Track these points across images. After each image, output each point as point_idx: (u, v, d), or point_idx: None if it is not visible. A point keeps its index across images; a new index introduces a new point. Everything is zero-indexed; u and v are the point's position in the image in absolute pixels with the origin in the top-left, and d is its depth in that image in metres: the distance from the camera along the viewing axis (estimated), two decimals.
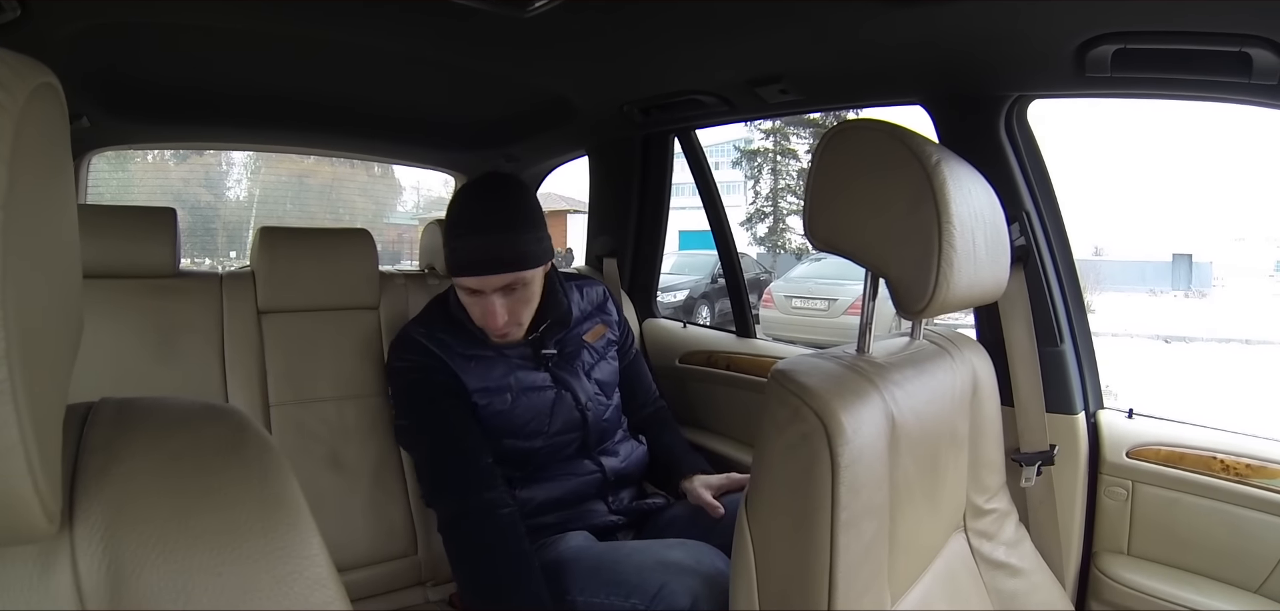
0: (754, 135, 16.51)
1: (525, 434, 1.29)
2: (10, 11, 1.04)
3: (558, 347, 1.35)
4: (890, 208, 0.77)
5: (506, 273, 1.21)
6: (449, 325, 1.30)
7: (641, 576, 1.07)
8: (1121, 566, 1.21)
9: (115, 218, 1.38)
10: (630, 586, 1.07)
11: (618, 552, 1.16)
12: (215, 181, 10.27)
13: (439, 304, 1.36)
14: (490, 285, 1.22)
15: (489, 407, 1.27)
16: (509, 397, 1.28)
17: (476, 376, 1.27)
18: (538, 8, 1.09)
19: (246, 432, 0.46)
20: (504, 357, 1.30)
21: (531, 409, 1.29)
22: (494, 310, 1.23)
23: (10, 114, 0.31)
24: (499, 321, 1.23)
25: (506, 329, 1.25)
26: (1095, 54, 1.01)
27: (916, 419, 0.81)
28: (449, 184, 2.62)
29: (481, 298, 1.24)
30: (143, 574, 0.39)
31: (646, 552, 1.13)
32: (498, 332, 1.26)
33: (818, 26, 1.14)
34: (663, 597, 1.04)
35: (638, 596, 1.06)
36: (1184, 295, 15.04)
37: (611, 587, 1.09)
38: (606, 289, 1.53)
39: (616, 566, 1.12)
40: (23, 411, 0.31)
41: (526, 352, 1.32)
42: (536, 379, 1.31)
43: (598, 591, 1.10)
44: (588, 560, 1.17)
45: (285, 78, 1.62)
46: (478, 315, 1.26)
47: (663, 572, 1.06)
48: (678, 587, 1.03)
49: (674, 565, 1.07)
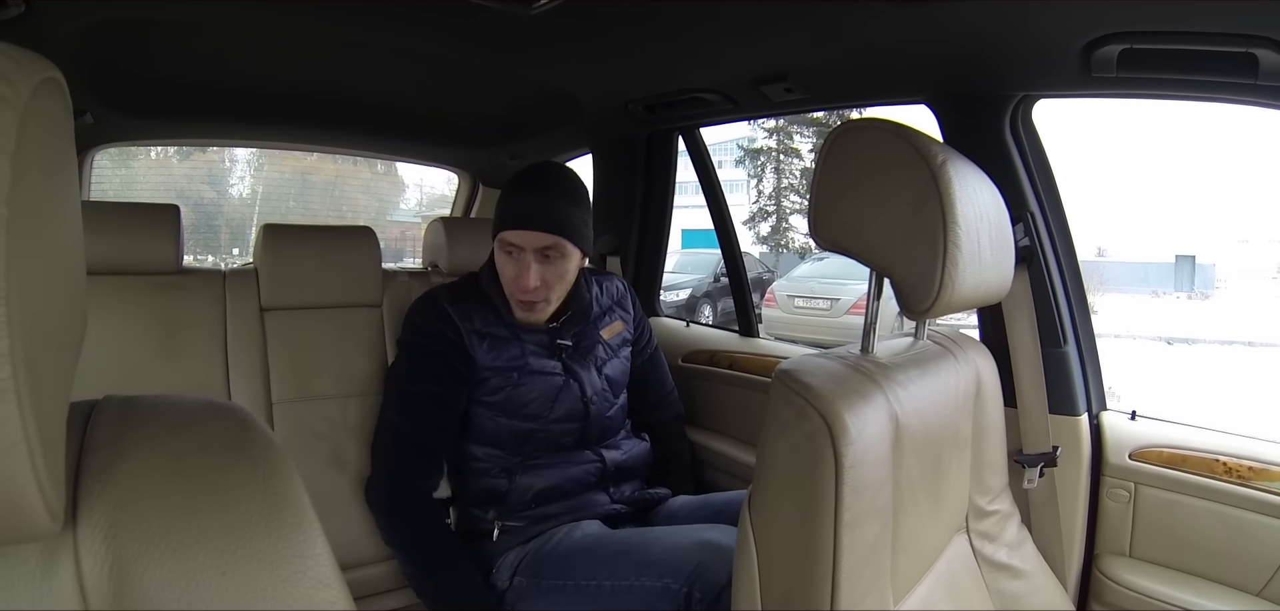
0: (758, 134, 16.49)
1: (524, 415, 1.30)
2: (15, 7, 1.04)
3: (574, 341, 1.36)
4: (895, 207, 0.77)
5: (549, 233, 1.25)
6: (476, 299, 1.34)
7: (677, 556, 1.07)
8: (1123, 568, 1.20)
9: (119, 214, 1.38)
10: (664, 566, 1.07)
11: (646, 535, 1.17)
12: (219, 178, 10.27)
13: (472, 278, 1.40)
14: (532, 241, 1.25)
15: (495, 383, 1.29)
16: (516, 376, 1.30)
17: (489, 354, 1.30)
18: (542, 5, 1.09)
19: (251, 431, 0.46)
20: (520, 341, 1.32)
21: (536, 391, 1.30)
22: (528, 269, 1.26)
23: (14, 108, 0.31)
24: (530, 282, 1.26)
25: (535, 297, 1.28)
26: (1101, 54, 1.00)
27: (920, 420, 0.81)
28: (452, 182, 2.61)
29: (518, 257, 1.27)
30: (146, 572, 0.39)
31: (682, 534, 1.14)
32: (526, 296, 1.28)
33: (823, 25, 1.14)
34: (701, 575, 1.04)
35: (671, 576, 1.06)
36: (1187, 297, 14.99)
37: (642, 569, 1.09)
38: (627, 285, 1.54)
39: (648, 548, 1.12)
40: (26, 409, 0.31)
41: (543, 340, 1.34)
42: (548, 365, 1.33)
43: (628, 573, 1.10)
44: (613, 544, 1.18)
45: (289, 75, 1.62)
46: (510, 276, 1.29)
47: (700, 552, 1.06)
48: (716, 566, 1.03)
49: (710, 544, 1.07)
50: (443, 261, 1.70)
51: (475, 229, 1.74)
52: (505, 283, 1.31)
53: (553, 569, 1.20)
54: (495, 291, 1.33)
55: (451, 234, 1.69)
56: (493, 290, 1.33)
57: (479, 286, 1.36)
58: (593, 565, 1.15)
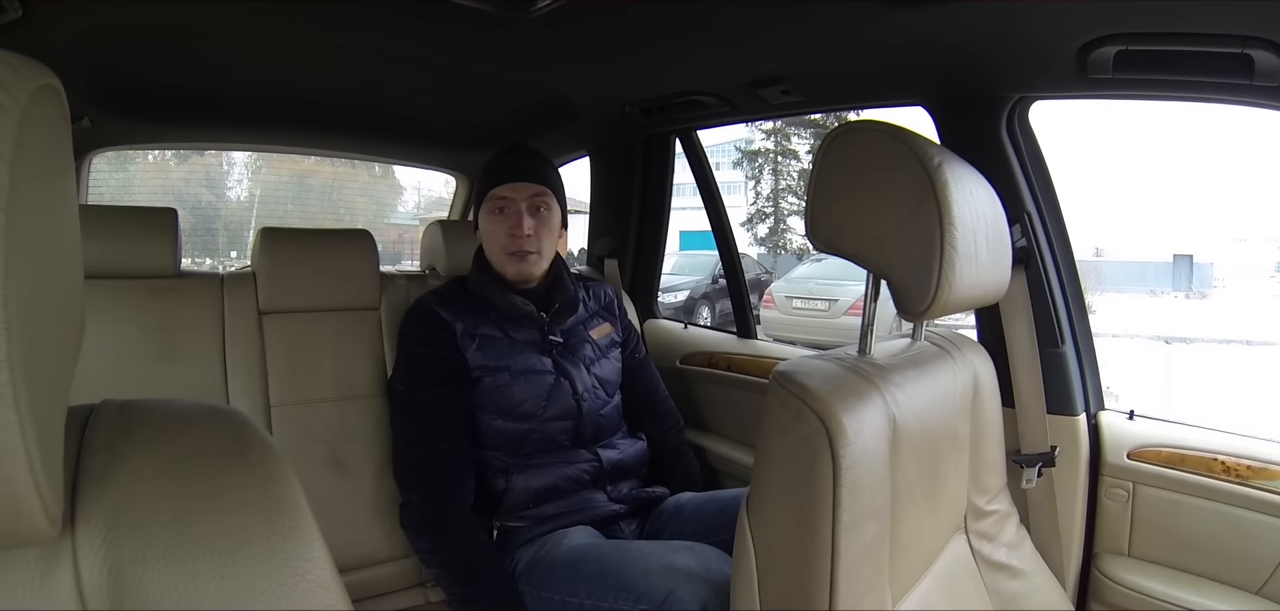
0: (755, 135, 16.52)
1: (518, 415, 1.31)
2: (12, 11, 1.04)
3: (564, 337, 1.38)
4: (892, 209, 0.77)
5: (537, 184, 1.35)
6: (465, 300, 1.36)
7: (648, 581, 1.07)
8: (1122, 567, 1.21)
9: (116, 218, 1.38)
10: (638, 591, 1.07)
11: (623, 554, 1.16)
12: (216, 181, 10.26)
13: (459, 282, 1.43)
14: (522, 192, 1.34)
15: (488, 383, 1.30)
16: (507, 375, 1.31)
17: (481, 354, 1.31)
18: (540, 9, 1.09)
19: (249, 435, 0.46)
20: (510, 339, 1.34)
21: (529, 390, 1.31)
22: (521, 220, 1.32)
23: (12, 116, 0.31)
24: (524, 230, 1.32)
25: (529, 246, 1.33)
26: (1097, 55, 1.01)
27: (918, 421, 0.81)
28: (450, 185, 2.61)
29: (510, 213, 1.33)
30: (144, 577, 0.39)
31: (653, 556, 1.13)
32: (521, 245, 1.33)
33: (819, 28, 1.14)
34: (671, 604, 1.04)
35: (645, 601, 1.06)
36: (1185, 296, 15.02)
37: (618, 591, 1.09)
38: (614, 293, 1.55)
39: (622, 570, 1.12)
40: (25, 414, 0.31)
41: (534, 337, 1.35)
42: (539, 363, 1.34)
43: (604, 594, 1.11)
44: (593, 561, 1.17)
45: (287, 78, 1.62)
46: (503, 231, 1.34)
47: (670, 578, 1.06)
48: (686, 594, 1.03)
49: (681, 571, 1.07)
50: (441, 264, 1.70)
51: (473, 232, 1.74)
52: (497, 242, 1.35)
53: (541, 578, 1.21)
54: (485, 284, 1.36)
55: (449, 237, 1.69)
56: (481, 285, 1.36)
57: (466, 288, 1.39)
58: (574, 581, 1.16)
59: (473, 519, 1.25)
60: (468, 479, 1.26)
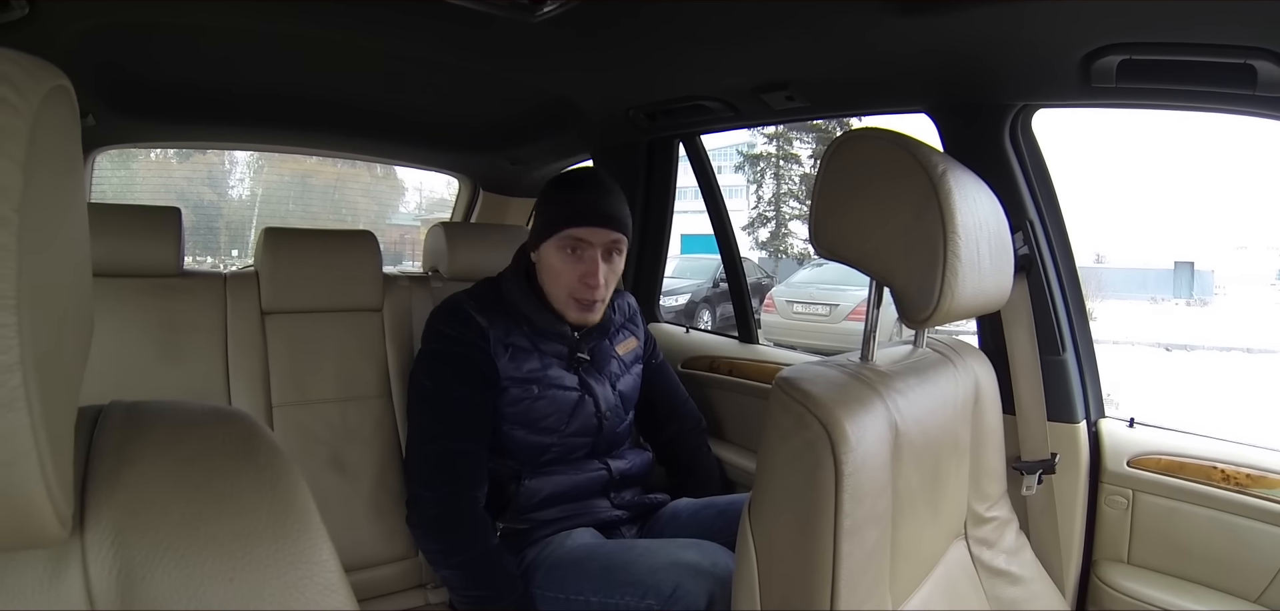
0: (757, 140, 16.49)
1: (540, 428, 1.29)
2: (19, 9, 1.04)
3: (591, 354, 1.36)
4: (895, 217, 0.77)
5: (617, 231, 1.26)
6: (498, 307, 1.32)
7: (655, 576, 1.08)
8: (1121, 575, 1.21)
9: (120, 217, 1.38)
10: (645, 587, 1.07)
11: (630, 552, 1.17)
12: (218, 180, 10.28)
13: (491, 285, 1.37)
14: (602, 239, 1.26)
15: (515, 394, 1.28)
16: (535, 389, 1.29)
17: (511, 364, 1.28)
18: (547, 12, 1.09)
19: (257, 437, 0.47)
20: (539, 353, 1.31)
21: (553, 405, 1.30)
22: (596, 267, 1.26)
23: (25, 118, 0.31)
24: (599, 280, 1.26)
25: (595, 298, 1.28)
26: (1100, 65, 1.01)
27: (919, 427, 0.81)
28: (452, 186, 2.62)
29: (584, 257, 1.26)
30: (154, 578, 0.40)
31: (660, 552, 1.13)
32: (593, 295, 1.27)
33: (824, 34, 1.14)
34: (678, 598, 1.04)
35: (653, 597, 1.06)
36: (1186, 303, 15.01)
37: (625, 588, 1.09)
38: (635, 302, 1.54)
39: (629, 567, 1.12)
40: (37, 417, 0.31)
41: (563, 352, 1.33)
42: (566, 379, 1.32)
43: (612, 591, 1.11)
44: (599, 559, 1.17)
45: (290, 78, 1.62)
46: (574, 275, 1.27)
47: (677, 573, 1.07)
48: (694, 588, 1.04)
49: (688, 566, 1.08)
50: (443, 266, 1.70)
51: (476, 234, 1.74)
52: (565, 282, 1.28)
53: (546, 577, 1.21)
54: (525, 298, 1.31)
55: (452, 239, 1.69)
56: (521, 297, 1.31)
57: (499, 293, 1.34)
58: (580, 579, 1.16)
59: (486, 521, 1.23)
60: (482, 482, 1.24)
